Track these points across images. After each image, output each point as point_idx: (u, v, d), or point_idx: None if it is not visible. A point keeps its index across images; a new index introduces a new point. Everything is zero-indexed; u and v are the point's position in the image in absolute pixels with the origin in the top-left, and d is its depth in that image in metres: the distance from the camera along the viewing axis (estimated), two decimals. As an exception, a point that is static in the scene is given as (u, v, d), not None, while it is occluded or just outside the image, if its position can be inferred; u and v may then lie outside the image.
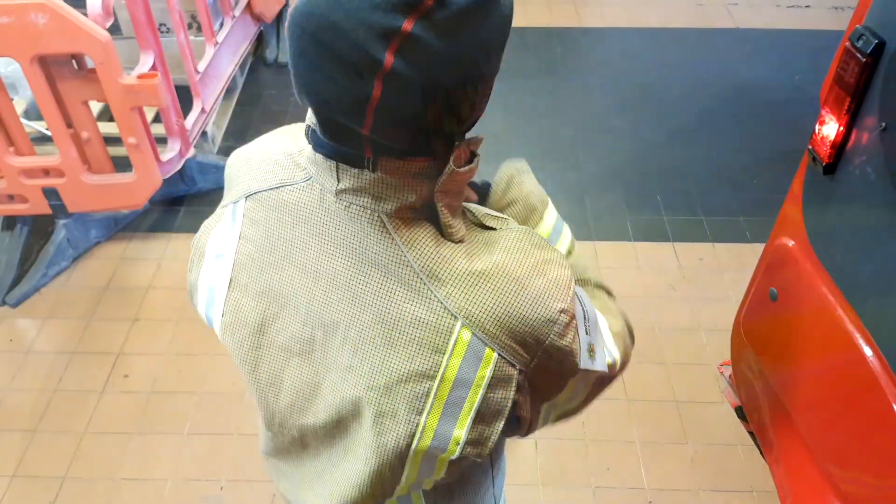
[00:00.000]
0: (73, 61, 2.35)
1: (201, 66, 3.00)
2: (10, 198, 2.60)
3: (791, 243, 1.49)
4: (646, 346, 2.49)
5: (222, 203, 0.92)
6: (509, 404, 0.77)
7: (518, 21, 4.38)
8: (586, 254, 1.03)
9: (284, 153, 0.85)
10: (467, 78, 0.67)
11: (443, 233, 0.75)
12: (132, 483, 2.10)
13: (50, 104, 2.36)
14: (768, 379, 1.65)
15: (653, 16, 4.31)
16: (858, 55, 1.23)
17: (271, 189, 0.83)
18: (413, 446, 0.79)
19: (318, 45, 0.63)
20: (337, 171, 0.74)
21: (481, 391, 0.75)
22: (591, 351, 0.83)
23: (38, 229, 2.80)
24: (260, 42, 3.94)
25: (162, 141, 2.77)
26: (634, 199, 3.08)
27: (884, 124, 1.21)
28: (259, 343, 0.86)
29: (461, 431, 0.77)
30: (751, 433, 2.19)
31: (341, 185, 0.74)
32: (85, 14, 2.24)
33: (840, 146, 1.31)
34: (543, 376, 0.79)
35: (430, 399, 0.76)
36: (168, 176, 2.74)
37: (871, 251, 1.28)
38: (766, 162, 3.28)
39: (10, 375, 2.39)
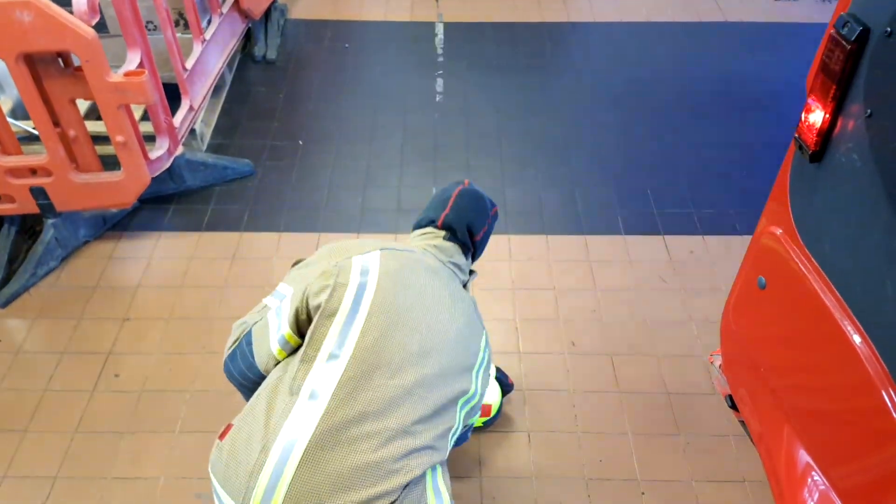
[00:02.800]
0: (60, 59, 2.34)
1: (189, 64, 2.99)
2: (-2, 197, 2.58)
3: (778, 231, 1.49)
4: (637, 339, 2.50)
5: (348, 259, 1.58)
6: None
7: (508, 16, 4.41)
8: None
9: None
10: (489, 236, 1.84)
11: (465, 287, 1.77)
12: (124, 482, 2.09)
13: (36, 103, 2.35)
14: (758, 367, 1.66)
15: (641, 10, 4.32)
16: (843, 42, 1.23)
17: (402, 250, 1.60)
18: (479, 359, 1.56)
19: (463, 232, 1.77)
20: (453, 251, 1.73)
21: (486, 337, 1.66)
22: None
23: (26, 229, 2.78)
24: (248, 39, 3.92)
25: (150, 139, 2.76)
26: (624, 192, 3.09)
27: (869, 111, 1.21)
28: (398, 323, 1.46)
29: (486, 352, 1.60)
30: (741, 422, 2.20)
31: (451, 259, 1.71)
32: (71, 12, 2.23)
33: (826, 134, 1.32)
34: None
35: (482, 337, 1.60)
36: (157, 174, 2.73)
37: (858, 238, 1.29)
38: (755, 154, 3.29)
39: (-1, 376, 2.38)
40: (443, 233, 1.72)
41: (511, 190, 3.08)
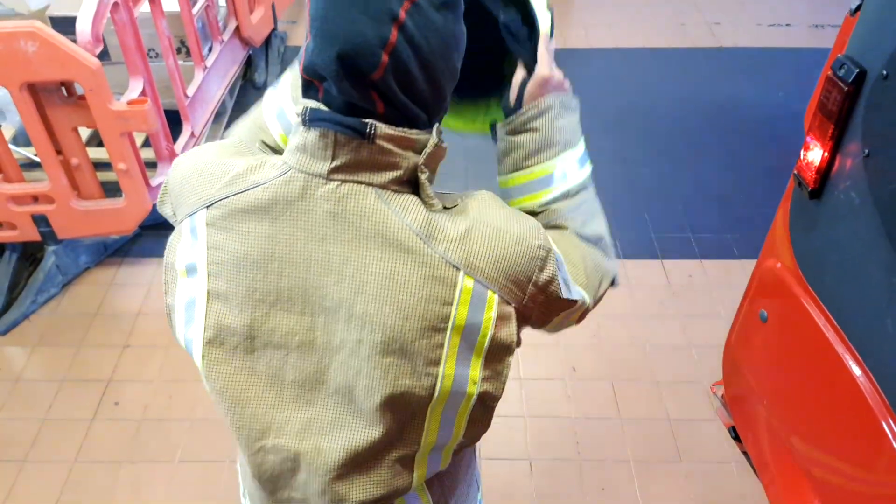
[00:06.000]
0: (63, 88, 2.36)
1: (190, 91, 3.01)
2: (-1, 225, 2.59)
3: (779, 266, 1.51)
4: (637, 365, 2.50)
5: (178, 218, 0.92)
6: (514, 338, 0.84)
7: (504, 42, 4.42)
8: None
9: (251, 159, 0.87)
10: (448, 60, 0.80)
11: (424, 203, 0.83)
12: (124, 512, 2.08)
13: (39, 131, 2.36)
14: (761, 399, 1.67)
15: (636, 36, 4.37)
16: (840, 84, 1.26)
17: (241, 193, 0.84)
18: (435, 396, 0.83)
19: None
20: (334, 147, 0.78)
21: (490, 332, 0.82)
22: (566, 283, 0.89)
23: (27, 256, 2.78)
24: (249, 66, 3.95)
25: (151, 166, 2.77)
26: (622, 217, 3.11)
27: (867, 151, 1.24)
28: (252, 347, 0.86)
29: (476, 372, 0.84)
30: (744, 453, 2.20)
31: (335, 163, 0.79)
32: (74, 41, 2.25)
33: (825, 172, 1.34)
34: (534, 309, 0.86)
35: (445, 349, 0.81)
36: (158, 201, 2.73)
37: (857, 274, 1.31)
38: (751, 178, 3.32)
39: (-2, 404, 2.37)
40: (299, 108, 0.81)
41: (510, 215, 3.09)
